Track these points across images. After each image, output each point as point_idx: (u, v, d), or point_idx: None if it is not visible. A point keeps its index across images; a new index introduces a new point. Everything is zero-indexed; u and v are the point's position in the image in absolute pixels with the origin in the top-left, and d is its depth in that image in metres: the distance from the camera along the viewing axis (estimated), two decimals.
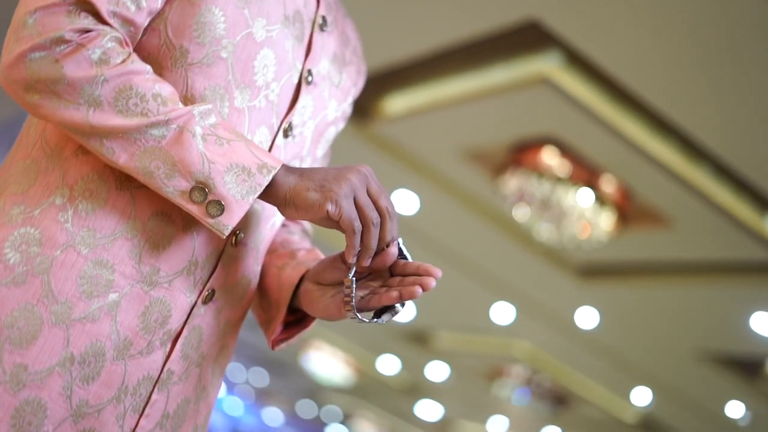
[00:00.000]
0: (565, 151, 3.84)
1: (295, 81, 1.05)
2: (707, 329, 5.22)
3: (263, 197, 0.93)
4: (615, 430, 7.96)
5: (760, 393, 5.72)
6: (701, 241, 4.21)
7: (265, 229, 1.07)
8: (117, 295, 0.93)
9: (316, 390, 11.40)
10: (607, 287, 5.08)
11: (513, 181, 3.96)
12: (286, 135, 1.05)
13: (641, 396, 6.75)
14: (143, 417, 0.97)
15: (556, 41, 3.06)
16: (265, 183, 0.90)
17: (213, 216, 0.89)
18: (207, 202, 0.89)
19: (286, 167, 0.93)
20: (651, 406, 6.90)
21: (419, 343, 7.32)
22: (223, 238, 0.93)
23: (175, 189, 0.89)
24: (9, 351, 0.88)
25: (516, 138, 3.85)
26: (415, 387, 9.10)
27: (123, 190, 0.94)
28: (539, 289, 5.51)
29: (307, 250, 1.15)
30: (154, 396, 0.98)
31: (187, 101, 0.96)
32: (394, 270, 0.99)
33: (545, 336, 6.32)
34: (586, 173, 3.93)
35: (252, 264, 1.07)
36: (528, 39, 3.10)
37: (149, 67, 0.92)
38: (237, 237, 1.01)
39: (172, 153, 0.88)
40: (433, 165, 4.31)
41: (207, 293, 1.00)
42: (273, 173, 0.91)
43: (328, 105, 1.11)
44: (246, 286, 1.07)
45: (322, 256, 1.11)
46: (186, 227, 0.96)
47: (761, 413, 6.13)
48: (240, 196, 0.89)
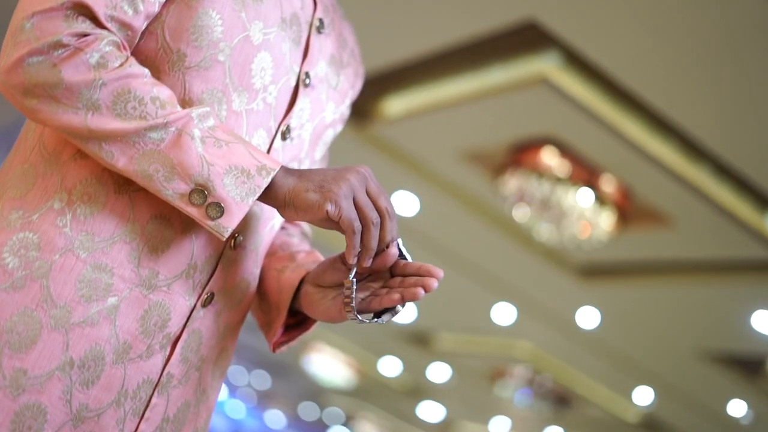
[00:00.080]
0: (565, 151, 3.84)
1: (293, 84, 1.05)
2: (708, 328, 5.21)
3: (263, 199, 0.93)
4: (617, 429, 7.96)
5: (761, 391, 5.71)
6: (702, 241, 4.21)
7: (264, 232, 1.07)
8: (116, 299, 0.93)
9: (317, 392, 11.39)
10: (608, 287, 5.08)
11: (513, 182, 3.96)
12: (284, 138, 1.05)
13: (643, 395, 6.75)
14: (143, 421, 0.97)
15: (554, 41, 3.06)
16: (265, 184, 0.90)
17: (213, 218, 0.89)
18: (206, 204, 0.89)
19: (285, 169, 0.93)
20: (653, 405, 6.89)
21: (420, 345, 7.32)
22: (223, 240, 0.93)
23: (175, 192, 0.89)
24: (8, 356, 0.88)
25: (515, 138, 3.85)
26: (417, 388, 9.10)
27: (121, 193, 0.94)
28: (540, 290, 5.51)
29: (307, 252, 1.15)
30: (154, 400, 0.98)
31: (185, 104, 0.96)
32: (394, 271, 0.99)
33: (546, 336, 6.32)
34: (585, 173, 3.93)
35: (251, 267, 1.07)
36: (526, 39, 3.10)
37: (147, 71, 0.92)
38: (236, 240, 1.01)
39: (171, 156, 0.88)
40: (433, 166, 4.31)
41: (206, 296, 1.00)
42: (272, 175, 0.90)
43: (325, 107, 1.11)
44: (245, 289, 1.07)
45: (321, 258, 1.11)
46: (185, 230, 0.96)
47: (763, 412, 6.12)
48: (239, 198, 0.89)
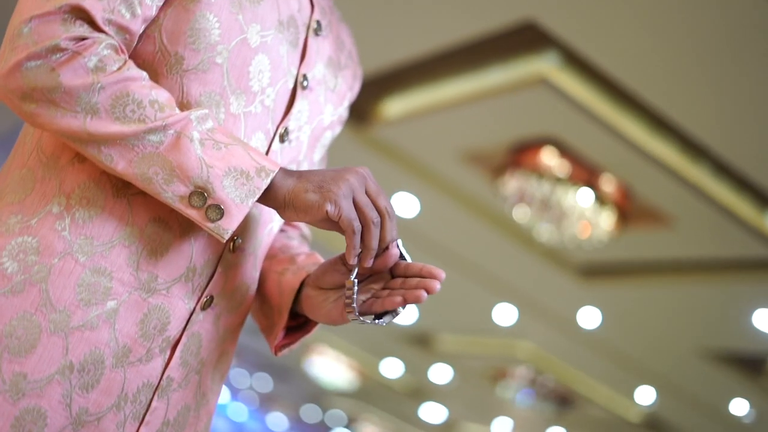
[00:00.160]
0: (565, 152, 3.84)
1: (291, 86, 1.05)
2: (710, 327, 5.21)
3: (262, 200, 0.93)
4: (619, 429, 7.95)
5: (763, 390, 5.71)
6: (702, 240, 4.21)
7: (263, 235, 1.07)
8: (115, 303, 0.93)
9: (320, 394, 11.39)
10: (609, 287, 5.08)
11: (513, 182, 3.96)
12: (282, 140, 1.05)
13: (645, 395, 6.74)
14: (143, 424, 0.97)
15: (553, 41, 3.06)
16: (264, 186, 0.90)
17: (212, 220, 0.89)
18: (206, 206, 0.89)
19: (284, 170, 0.93)
20: (655, 405, 6.89)
21: (422, 346, 7.32)
22: (223, 242, 0.93)
23: (174, 194, 0.89)
24: (8, 360, 0.88)
25: (515, 139, 3.85)
26: (419, 390, 9.09)
27: (120, 197, 0.94)
28: (541, 290, 5.51)
29: (307, 254, 1.15)
30: (154, 403, 0.98)
31: (183, 107, 0.96)
32: (395, 272, 0.99)
33: (548, 336, 6.32)
34: (585, 173, 3.93)
35: (250, 269, 1.06)
36: (525, 40, 3.10)
37: (145, 74, 0.92)
38: (235, 243, 1.01)
39: (170, 158, 0.88)
40: (433, 167, 4.31)
41: (205, 299, 1.00)
42: (271, 176, 0.90)
43: (323, 109, 1.11)
44: (245, 291, 1.07)
45: (321, 260, 1.11)
46: (183, 233, 0.96)
47: (765, 410, 6.12)
48: (239, 199, 0.89)
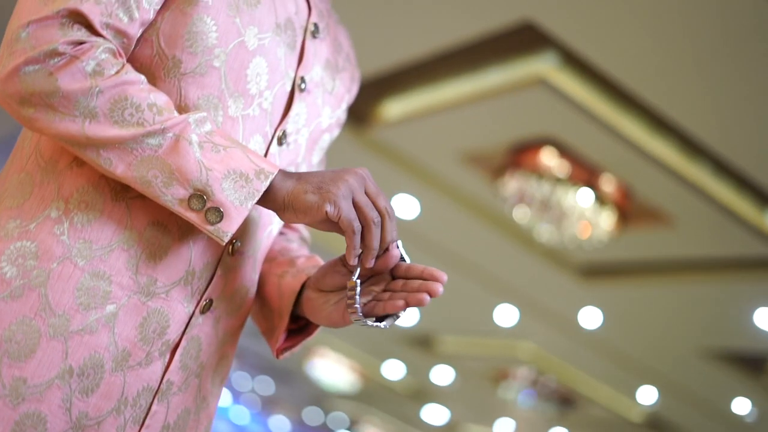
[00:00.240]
0: (564, 152, 3.84)
1: (288, 89, 1.05)
2: (711, 326, 5.21)
3: (261, 203, 0.93)
4: (622, 429, 7.95)
5: (765, 389, 5.70)
6: (702, 239, 4.20)
7: (262, 237, 1.07)
8: (114, 307, 0.93)
9: (322, 397, 11.38)
10: (610, 287, 5.08)
11: (512, 183, 3.96)
12: (280, 143, 1.05)
13: (647, 395, 6.74)
14: (143, 428, 0.97)
15: (551, 42, 3.06)
16: (263, 188, 0.90)
17: (212, 223, 0.89)
18: (206, 209, 0.89)
19: (283, 172, 0.93)
20: (657, 404, 6.88)
21: (424, 348, 7.31)
22: (223, 245, 0.93)
23: (174, 197, 0.89)
24: (8, 365, 0.88)
25: (514, 139, 3.85)
26: (421, 391, 9.09)
27: (118, 201, 0.94)
28: (542, 291, 5.51)
29: (307, 257, 1.15)
30: (154, 407, 0.97)
31: (181, 111, 0.96)
32: (396, 273, 0.99)
33: (549, 337, 6.31)
34: (585, 173, 3.93)
35: (250, 272, 1.06)
36: (523, 40, 3.10)
37: (143, 77, 0.92)
38: (234, 246, 1.01)
39: (169, 161, 0.88)
40: (432, 169, 4.31)
41: (205, 303, 1.00)
42: (270, 178, 0.90)
43: (321, 112, 1.11)
44: (244, 295, 1.07)
45: (321, 262, 1.11)
46: (182, 237, 0.96)
47: (767, 409, 6.11)
48: (238, 202, 0.89)
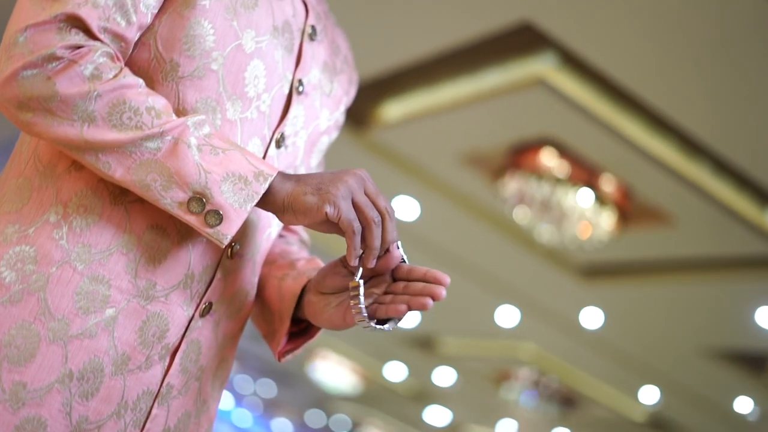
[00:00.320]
0: (564, 152, 3.84)
1: (286, 91, 1.05)
2: (712, 325, 5.21)
3: (261, 205, 0.93)
4: (624, 429, 7.94)
5: (767, 388, 5.70)
6: (703, 238, 4.20)
7: (261, 240, 1.07)
8: (114, 311, 0.93)
9: (324, 399, 11.39)
10: (611, 287, 5.08)
11: (512, 184, 3.96)
12: (278, 145, 1.05)
13: (649, 394, 6.73)
14: None
15: (550, 42, 3.06)
16: (263, 190, 0.90)
17: (212, 226, 0.89)
18: (205, 212, 0.89)
19: (282, 174, 0.93)
20: (659, 404, 6.88)
21: (425, 349, 7.31)
22: (222, 247, 0.93)
23: (173, 200, 0.89)
24: (8, 369, 0.88)
25: (514, 140, 3.85)
26: (423, 393, 9.09)
27: (117, 204, 0.94)
28: (543, 291, 5.51)
29: (307, 259, 1.15)
30: (154, 411, 0.97)
31: (180, 114, 0.96)
32: (397, 275, 0.98)
33: (551, 337, 6.31)
34: (585, 173, 3.93)
35: (249, 275, 1.06)
36: (522, 41, 3.10)
37: (141, 81, 0.92)
38: (233, 249, 1.01)
39: (168, 165, 0.88)
40: (432, 170, 4.32)
41: (204, 306, 1.00)
42: (270, 180, 0.90)
43: (319, 114, 1.11)
44: (244, 298, 1.07)
45: (321, 264, 1.11)
46: (181, 240, 0.96)
47: None
48: (238, 204, 0.89)
